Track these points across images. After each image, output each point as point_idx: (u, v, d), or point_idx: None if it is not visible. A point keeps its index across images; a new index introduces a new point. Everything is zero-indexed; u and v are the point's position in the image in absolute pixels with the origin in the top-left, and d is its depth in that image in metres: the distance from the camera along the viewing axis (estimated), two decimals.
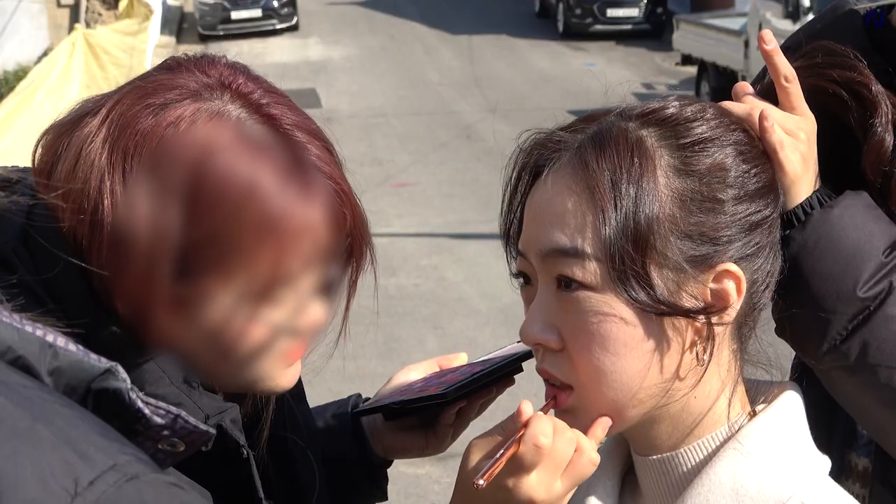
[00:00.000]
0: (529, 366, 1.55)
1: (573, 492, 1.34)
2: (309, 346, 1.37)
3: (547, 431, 1.29)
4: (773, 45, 1.48)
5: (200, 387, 1.29)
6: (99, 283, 1.23)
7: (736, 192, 1.33)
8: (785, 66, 1.47)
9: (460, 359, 1.79)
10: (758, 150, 1.39)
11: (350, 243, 1.33)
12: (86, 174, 1.22)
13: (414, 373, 1.79)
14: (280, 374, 1.35)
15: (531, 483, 1.30)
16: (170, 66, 1.33)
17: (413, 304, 9.03)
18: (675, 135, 1.33)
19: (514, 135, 1.42)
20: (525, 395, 1.37)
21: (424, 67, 21.98)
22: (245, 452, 1.35)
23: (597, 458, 1.33)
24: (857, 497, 1.39)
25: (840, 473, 1.78)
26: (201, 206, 1.22)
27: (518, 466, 1.29)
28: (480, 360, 1.75)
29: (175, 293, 1.23)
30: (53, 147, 1.27)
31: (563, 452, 1.30)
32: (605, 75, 1.78)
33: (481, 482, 1.26)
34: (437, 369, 1.79)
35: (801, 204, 1.45)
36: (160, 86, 1.27)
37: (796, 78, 1.48)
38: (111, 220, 1.21)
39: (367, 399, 1.80)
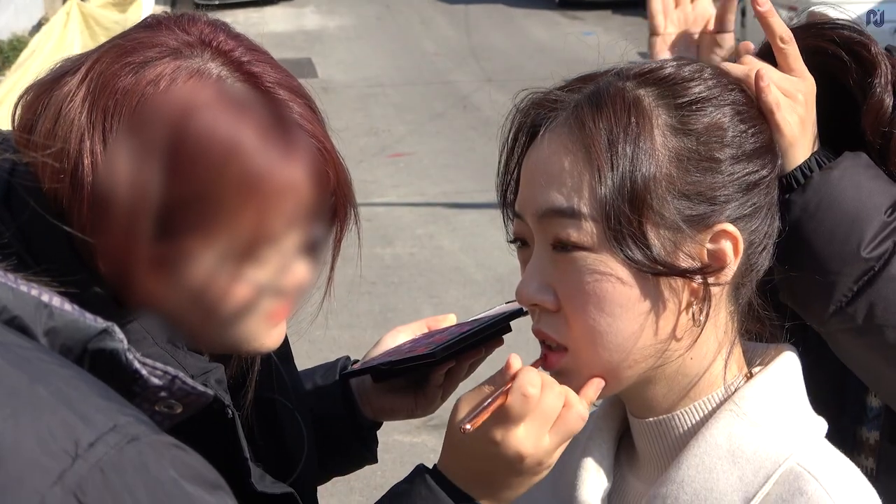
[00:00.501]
0: (521, 335, 1.55)
1: (562, 448, 1.35)
2: (294, 307, 1.37)
3: (535, 382, 1.30)
4: (767, 6, 1.48)
5: (185, 348, 1.29)
6: (80, 244, 1.22)
7: (733, 151, 1.33)
8: (781, 27, 1.47)
9: (449, 320, 1.80)
10: (755, 110, 1.39)
11: (334, 202, 1.32)
12: (65, 133, 1.22)
13: (403, 334, 1.79)
14: (265, 334, 1.34)
15: (519, 436, 1.30)
16: (149, 25, 1.32)
17: (409, 274, 9.03)
18: (673, 94, 1.33)
19: (511, 105, 1.42)
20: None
21: (420, 37, 21.89)
22: (230, 413, 1.35)
23: (585, 412, 1.33)
24: (867, 471, 1.39)
25: (851, 449, 1.78)
26: (182, 165, 1.21)
27: (506, 418, 1.30)
28: (470, 320, 1.75)
29: (157, 253, 1.23)
30: (33, 106, 1.26)
31: (551, 406, 1.31)
32: (602, 44, 1.78)
33: (468, 426, 1.27)
34: (426, 330, 1.79)
35: (799, 166, 1.45)
36: (140, 44, 1.27)
37: (793, 39, 1.47)
38: (91, 180, 1.21)
39: (356, 361, 1.80)
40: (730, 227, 1.32)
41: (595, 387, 1.35)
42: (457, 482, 1.36)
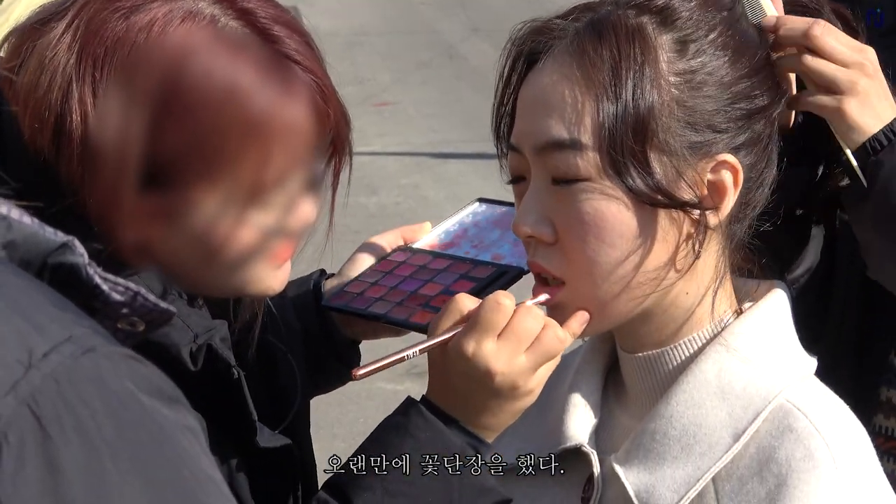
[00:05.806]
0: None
1: (544, 374, 1.32)
2: (298, 245, 1.35)
3: (509, 295, 1.29)
4: (773, 20, 1.44)
5: (187, 302, 1.27)
6: (71, 196, 1.19)
7: (735, 73, 1.33)
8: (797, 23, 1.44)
9: (424, 229, 1.73)
10: (752, 35, 1.38)
11: (332, 137, 1.30)
12: (50, 83, 1.19)
13: (379, 245, 1.72)
14: (271, 276, 1.32)
15: (489, 349, 1.28)
16: None
17: (393, 223, 8.83)
18: (674, 21, 1.32)
19: (497, 56, 1.40)
20: None
21: None
22: (236, 373, 1.33)
23: (564, 334, 1.31)
24: (885, 431, 1.41)
25: (870, 408, 1.73)
26: (180, 113, 1.19)
27: (478, 327, 1.28)
28: (445, 224, 1.71)
29: (158, 203, 1.20)
30: (16, 53, 1.22)
31: (526, 326, 1.29)
32: None
33: (359, 372, 1.30)
34: (402, 242, 1.72)
35: (882, 129, 1.44)
36: None
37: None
38: (81, 133, 1.18)
39: (331, 276, 1.72)
40: (730, 158, 1.32)
41: (579, 320, 1.33)
42: (441, 405, 1.33)
